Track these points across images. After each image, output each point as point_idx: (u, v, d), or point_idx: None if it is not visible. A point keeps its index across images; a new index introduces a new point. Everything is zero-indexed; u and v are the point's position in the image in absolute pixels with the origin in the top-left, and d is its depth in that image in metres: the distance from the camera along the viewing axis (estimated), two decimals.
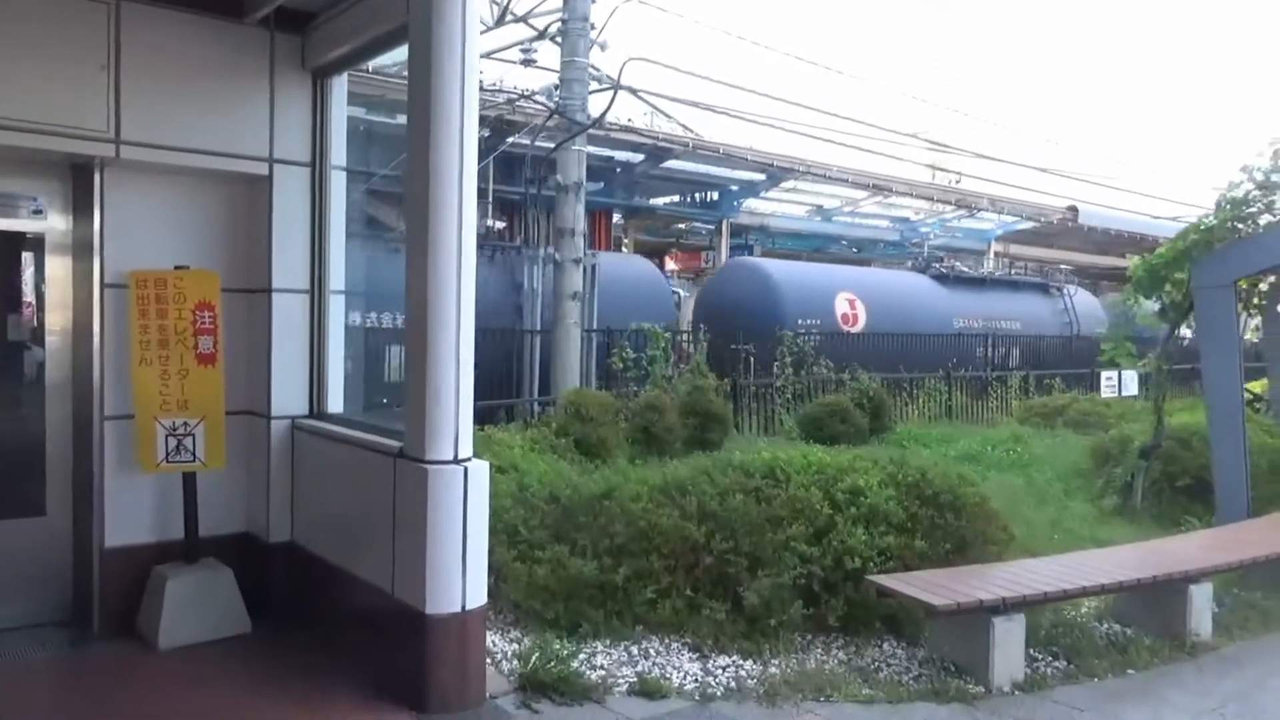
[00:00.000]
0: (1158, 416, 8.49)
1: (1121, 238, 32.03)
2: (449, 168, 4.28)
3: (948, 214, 28.84)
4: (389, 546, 4.61)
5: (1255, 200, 7.64)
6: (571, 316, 13.32)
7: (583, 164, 13.59)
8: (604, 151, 19.24)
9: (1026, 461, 10.82)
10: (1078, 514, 8.28)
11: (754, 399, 13.46)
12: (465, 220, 4.41)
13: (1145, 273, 8.16)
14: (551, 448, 9.13)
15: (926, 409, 15.82)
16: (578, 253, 13.44)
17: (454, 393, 4.42)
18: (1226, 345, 7.86)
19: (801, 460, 6.25)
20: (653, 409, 10.56)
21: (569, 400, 9.95)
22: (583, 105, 13.55)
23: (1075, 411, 14.71)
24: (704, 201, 23.81)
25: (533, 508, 6.09)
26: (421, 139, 4.29)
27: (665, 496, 5.92)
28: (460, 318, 4.38)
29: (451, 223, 4.33)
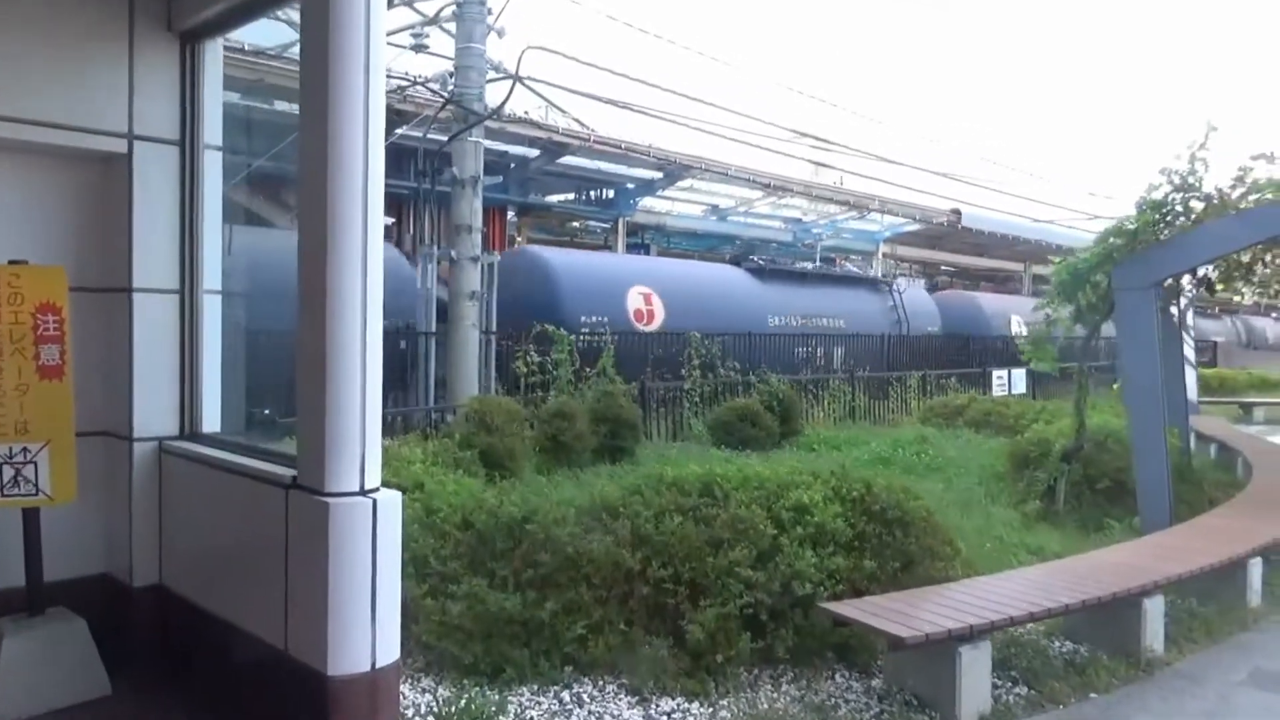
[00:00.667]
0: (1079, 419, 8.41)
1: (1002, 240, 33.17)
2: (351, 142, 3.58)
3: (839, 215, 29.16)
4: (281, 594, 3.88)
5: (1174, 203, 7.59)
6: (469, 318, 12.58)
7: (480, 156, 12.86)
8: (498, 146, 18.49)
9: (940, 464, 10.69)
10: (1003, 520, 8.11)
11: (661, 403, 13.00)
12: (371, 209, 3.73)
13: (1069, 275, 8.05)
14: (455, 461, 8.43)
15: (831, 410, 15.71)
16: (475, 250, 12.71)
17: (359, 410, 3.72)
18: (1147, 348, 7.81)
19: (738, 475, 5.78)
20: (562, 416, 9.96)
21: (473, 408, 9.26)
22: (479, 94, 12.82)
23: (976, 411, 14.85)
24: (600, 199, 23.30)
25: (444, 535, 5.42)
26: (318, 110, 3.58)
27: (594, 519, 5.34)
28: (366, 322, 3.69)
29: (355, 211, 3.64)
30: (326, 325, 3.59)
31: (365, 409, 3.73)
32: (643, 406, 12.11)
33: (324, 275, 3.54)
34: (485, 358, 12.84)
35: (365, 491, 3.73)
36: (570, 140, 18.79)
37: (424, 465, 7.59)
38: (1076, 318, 8.48)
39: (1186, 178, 7.53)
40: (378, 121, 3.72)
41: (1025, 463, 9.04)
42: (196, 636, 4.46)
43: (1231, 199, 7.54)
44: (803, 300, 18.92)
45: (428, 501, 5.94)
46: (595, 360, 12.57)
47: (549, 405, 10.33)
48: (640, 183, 22.58)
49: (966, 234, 31.77)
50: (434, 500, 5.87)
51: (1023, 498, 8.68)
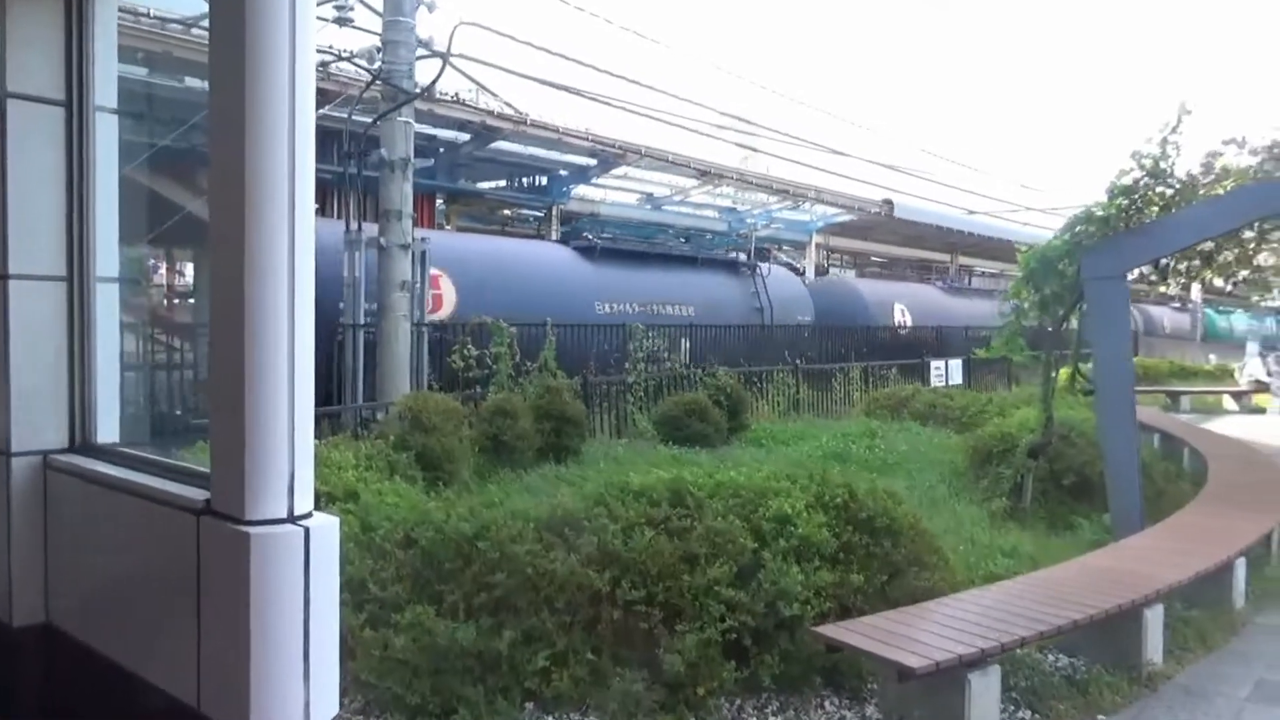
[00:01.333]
0: (1046, 413, 8.13)
1: (932, 231, 33.38)
2: (275, 110, 2.96)
3: (773, 205, 28.93)
4: (192, 640, 3.21)
5: (1145, 188, 7.33)
6: (400, 309, 11.82)
7: (410, 138, 12.10)
8: (427, 129, 17.66)
9: (896, 460, 10.37)
10: (970, 518, 7.78)
11: (604, 397, 12.45)
12: (300, 186, 3.09)
13: (1039, 263, 7.74)
14: (390, 465, 7.77)
15: (776, 402, 15.35)
16: (406, 237, 11.96)
17: (286, 419, 3.05)
18: (1119, 339, 7.55)
19: (710, 481, 5.27)
20: (503, 414, 9.34)
21: (408, 406, 8.58)
22: (409, 71, 12.04)
23: (920, 403, 14.64)
24: (532, 186, 22.59)
25: (384, 554, 4.79)
26: (233, 69, 2.93)
27: (554, 534, 4.78)
28: (295, 316, 3.06)
29: (280, 189, 3.00)
30: (246, 316, 2.94)
31: (295, 417, 3.07)
32: (585, 402, 11.54)
33: (242, 261, 2.90)
34: (418, 351, 12.12)
35: (295, 518, 3.08)
36: (503, 124, 18.05)
37: (357, 471, 6.92)
38: (1042, 307, 8.19)
39: (1158, 162, 7.27)
40: (305, 83, 3.10)
41: (988, 458, 8.75)
42: (89, 686, 3.75)
43: (1204, 184, 7.31)
44: (644, 284, 16.15)
45: (364, 515, 5.30)
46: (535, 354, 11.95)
47: (489, 402, 9.70)
48: (574, 170, 21.95)
49: (899, 225, 31.86)
50: (371, 514, 5.23)
51: (987, 495, 8.38)
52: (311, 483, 3.06)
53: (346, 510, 5.91)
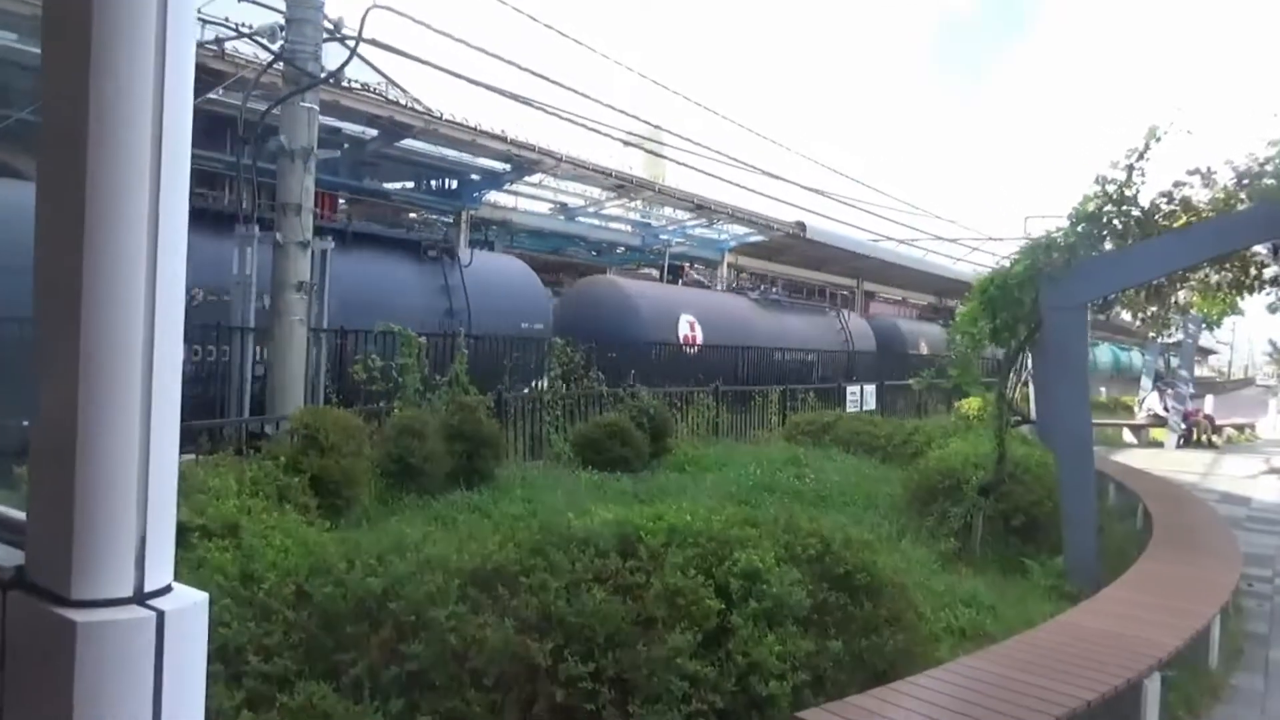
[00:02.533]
0: (1000, 450, 7.69)
1: (840, 255, 33.58)
2: (136, 72, 2.11)
3: (688, 221, 28.53)
4: None
5: (1110, 215, 6.96)
6: (295, 312, 10.73)
7: (314, 125, 11.04)
8: (331, 122, 16.52)
9: (827, 492, 9.83)
10: (919, 561, 7.25)
11: (519, 415, 11.58)
12: (169, 170, 2.25)
13: (998, 290, 7.30)
14: (280, 491, 6.78)
15: (695, 425, 14.73)
16: (305, 233, 10.89)
17: (138, 463, 2.21)
18: (1077, 373, 7.16)
19: (662, 525, 4.53)
20: (410, 434, 8.41)
21: (302, 422, 7.59)
22: (315, 53, 11.00)
23: (844, 430, 14.24)
24: (442, 189, 21.54)
25: (269, 614, 3.89)
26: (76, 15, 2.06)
27: (482, 592, 3.96)
28: (157, 330, 2.21)
29: (138, 171, 2.16)
30: (84, 329, 2.07)
31: (151, 460, 2.23)
32: (500, 419, 10.67)
33: (79, 259, 2.03)
34: (317, 361, 11.04)
35: (145, 597, 2.24)
36: (414, 121, 17.03)
37: (239, 499, 5.93)
38: (993, 336, 7.77)
39: (1123, 189, 6.91)
40: (181, 46, 2.26)
41: (932, 495, 8.26)
42: None
43: (1163, 212, 6.99)
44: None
45: (245, 558, 4.37)
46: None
47: (394, 419, 8.75)
48: (486, 174, 20.99)
49: (808, 247, 31.91)
50: (255, 559, 4.30)
51: (933, 534, 7.88)
52: (171, 548, 2.14)
53: (223, 549, 4.96)
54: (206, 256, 10.40)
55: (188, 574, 4.51)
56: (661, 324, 16.97)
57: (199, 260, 10.39)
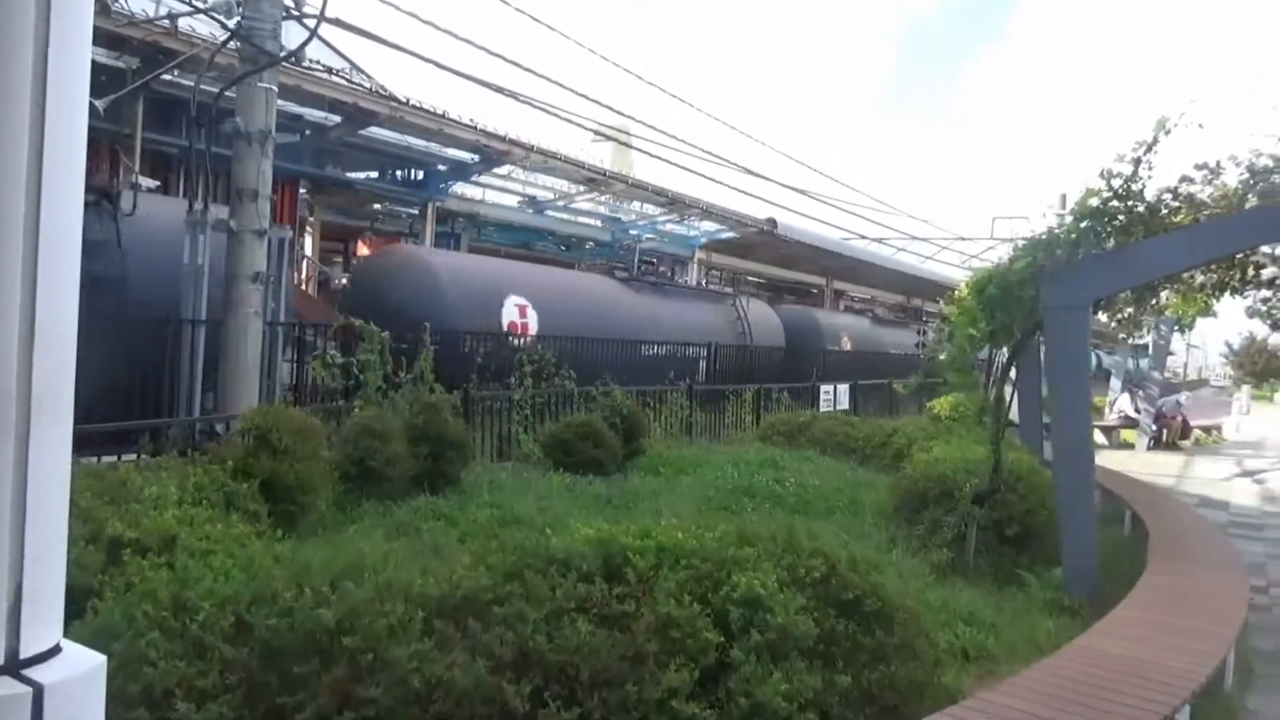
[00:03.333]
0: (996, 458, 7.32)
1: (810, 252, 33.34)
2: None
3: (659, 217, 28.11)
4: None
5: (1116, 211, 6.61)
6: (250, 304, 10.13)
7: (272, 107, 10.43)
8: (292, 107, 15.85)
9: (809, 497, 9.45)
10: (912, 573, 6.87)
11: (487, 415, 11.07)
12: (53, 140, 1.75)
13: (998, 289, 6.93)
14: (227, 498, 6.24)
15: (668, 425, 14.31)
16: (261, 221, 10.29)
17: (10, 498, 1.72)
18: (1078, 376, 6.82)
19: (649, 544, 4.08)
20: (371, 435, 7.89)
21: (253, 423, 7.03)
22: (274, 30, 10.40)
23: (819, 430, 13.88)
24: (408, 180, 20.90)
25: (204, 649, 3.39)
26: None
27: (451, 624, 3.49)
28: (38, 329, 1.71)
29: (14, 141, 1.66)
30: None
31: (29, 493, 1.74)
32: (466, 420, 10.16)
33: None
34: (272, 356, 10.45)
35: (20, 666, 1.75)
36: (379, 108, 16.39)
37: (179, 509, 5.40)
38: (992, 337, 7.42)
39: (1129, 183, 6.57)
40: None
41: (922, 502, 7.89)
42: None
43: (1169, 208, 6.67)
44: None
45: (180, 579, 3.85)
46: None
47: (354, 420, 8.22)
48: (454, 165, 20.38)
49: (779, 245, 31.63)
50: (190, 584, 3.79)
51: (924, 544, 7.51)
52: (59, 602, 1.66)
53: (158, 567, 4.45)
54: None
55: (113, 599, 3.98)
56: (477, 308, 12.96)
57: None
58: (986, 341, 7.55)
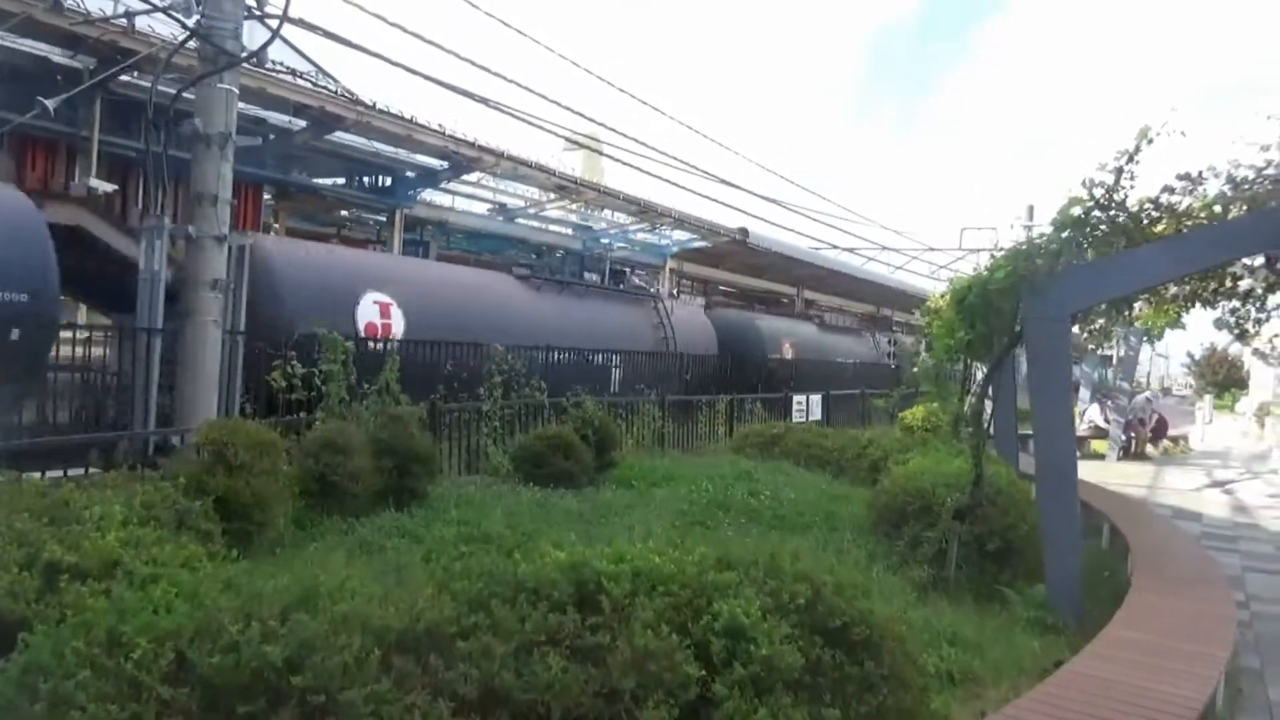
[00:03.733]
0: (977, 472, 7.16)
1: (781, 262, 33.36)
2: None
3: (630, 225, 27.95)
4: None
5: (1098, 221, 6.49)
6: (209, 313, 9.79)
7: (233, 109, 10.10)
8: (256, 110, 15.51)
9: (785, 511, 9.24)
10: (891, 589, 6.68)
11: (454, 427, 10.78)
12: None
13: (978, 298, 6.78)
14: (179, 518, 5.93)
15: (640, 436, 14.07)
16: (221, 227, 9.95)
17: None
18: (1060, 388, 6.68)
19: (623, 567, 3.84)
20: (332, 449, 7.59)
21: (209, 438, 6.71)
22: (235, 30, 10.08)
23: (793, 441, 13.71)
24: (375, 187, 20.55)
25: (140, 690, 3.10)
26: None
27: (411, 659, 3.23)
28: None
29: None
30: None
31: None
32: (433, 432, 9.87)
33: None
34: (231, 367, 10.10)
35: None
36: (345, 112, 16.08)
37: (123, 531, 5.08)
38: (968, 348, 7.27)
39: (1111, 193, 6.45)
40: None
41: (902, 517, 7.71)
42: None
43: (1152, 219, 6.56)
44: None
45: (114, 619, 3.55)
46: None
47: (315, 433, 7.91)
48: (422, 171, 20.08)
49: (750, 254, 31.60)
50: (127, 616, 3.49)
51: (904, 560, 7.33)
52: None
53: (96, 594, 4.14)
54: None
55: (43, 633, 3.67)
56: (328, 306, 11.15)
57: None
58: (964, 352, 7.40)
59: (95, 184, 14.04)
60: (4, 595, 4.15)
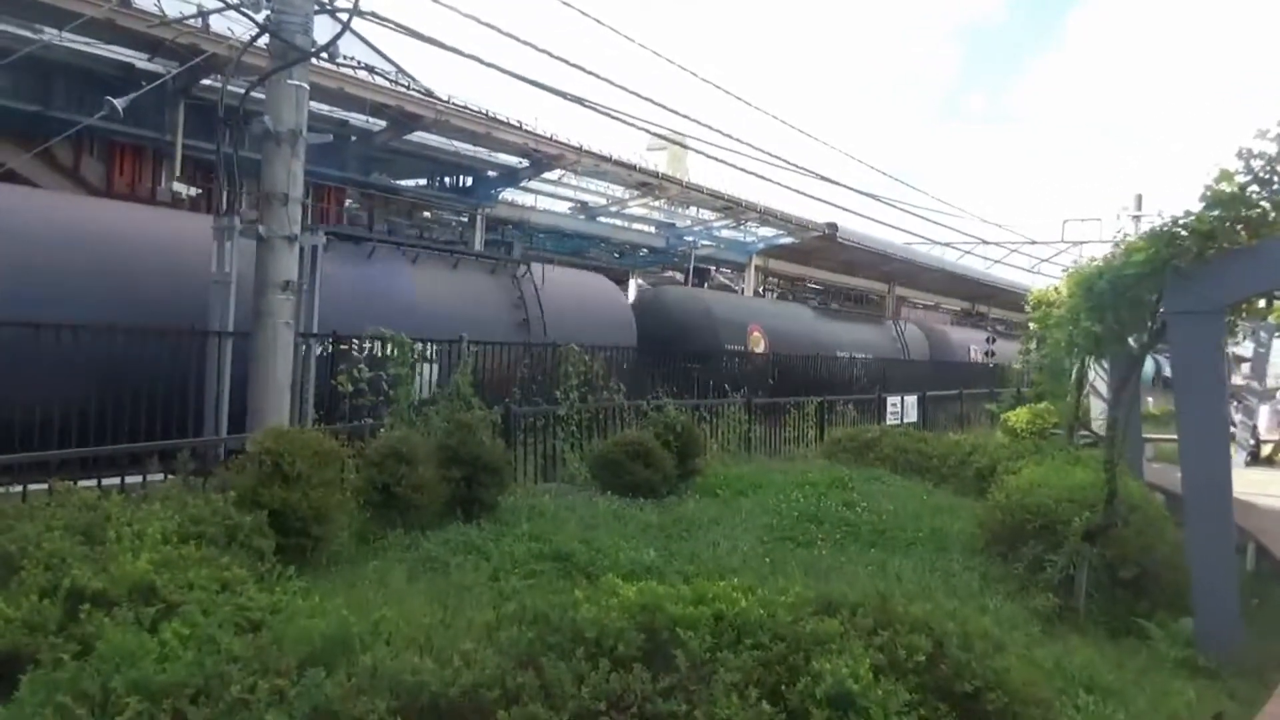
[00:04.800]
0: (1111, 488, 6.30)
1: (872, 258, 32.23)
2: None
3: (714, 222, 27.28)
4: None
5: (1256, 199, 5.58)
6: (281, 314, 9.50)
7: (303, 105, 9.82)
8: (336, 113, 15.40)
9: (884, 525, 8.47)
10: (1010, 621, 5.89)
11: (529, 432, 10.29)
12: None
13: (1111, 286, 5.91)
14: (229, 533, 5.52)
15: (725, 440, 13.40)
16: (292, 226, 9.67)
17: None
18: (1210, 392, 5.78)
19: (702, 613, 3.22)
20: (397, 458, 7.15)
21: (264, 448, 6.32)
22: (305, 24, 9.80)
23: (889, 446, 12.84)
24: (456, 187, 20.35)
25: None
26: None
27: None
28: None
29: None
30: None
31: None
32: (507, 438, 9.40)
33: None
34: (304, 371, 9.82)
35: None
36: (424, 111, 15.82)
37: (163, 548, 4.69)
38: (1095, 344, 6.41)
39: (1274, 164, 5.53)
40: None
41: (1019, 536, 6.88)
42: None
43: None
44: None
45: (111, 670, 3.07)
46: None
47: (379, 441, 7.49)
48: (503, 170, 19.79)
49: (839, 250, 30.61)
50: (127, 664, 3.02)
51: (1024, 586, 6.51)
52: None
53: (122, 625, 3.71)
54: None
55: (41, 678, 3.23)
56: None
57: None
58: (1091, 348, 6.54)
59: (179, 188, 14.10)
60: (19, 627, 3.75)
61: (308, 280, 10.29)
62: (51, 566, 4.26)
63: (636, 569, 6.59)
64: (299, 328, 9.86)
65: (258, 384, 9.43)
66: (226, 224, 10.06)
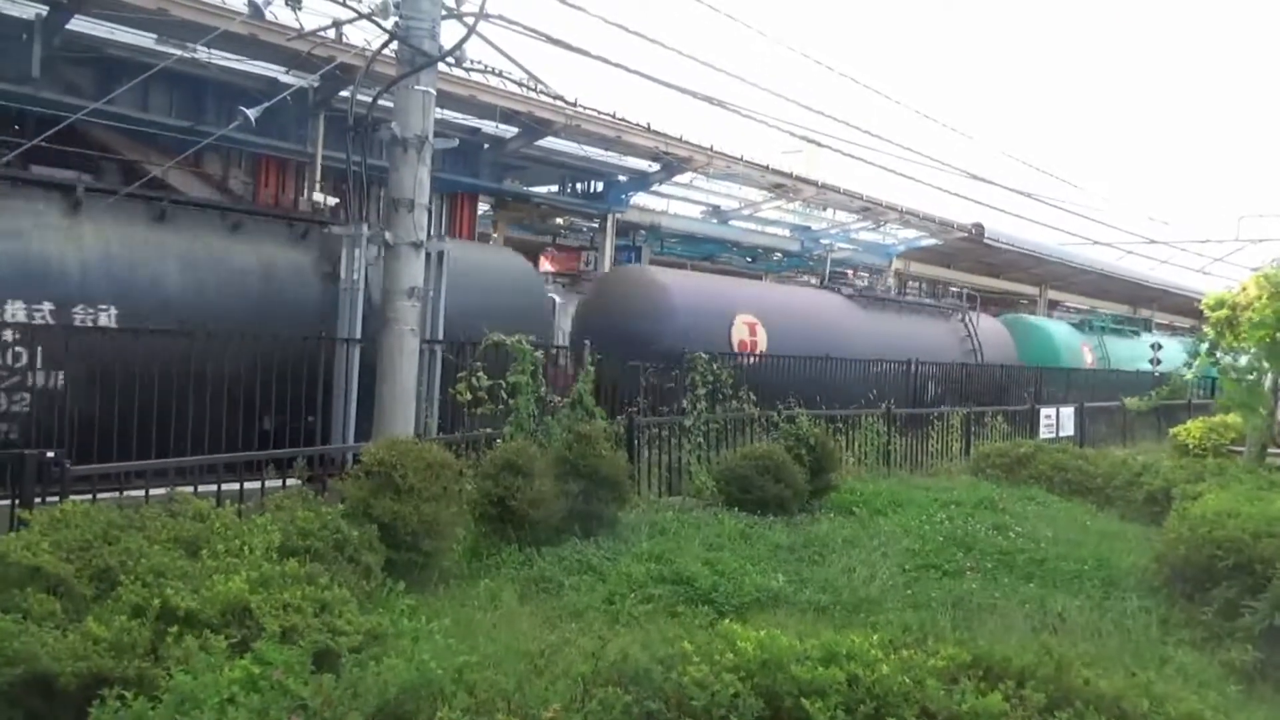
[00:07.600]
0: None
1: (1020, 259, 30.52)
2: None
3: (851, 224, 26.29)
4: None
5: None
6: (407, 321, 9.46)
7: (429, 111, 9.77)
8: (469, 121, 15.45)
9: (1042, 555, 7.63)
10: (1196, 678, 5.06)
11: (653, 443, 9.89)
12: None
13: None
14: (337, 547, 5.33)
15: (862, 453, 12.65)
16: (419, 233, 9.62)
17: None
18: None
19: (831, 675, 2.70)
20: (513, 470, 6.86)
21: (376, 460, 6.14)
22: (432, 30, 9.75)
23: (1045, 464, 11.79)
24: (587, 192, 20.24)
25: None
26: None
27: None
28: None
29: None
30: None
31: None
32: (629, 449, 9.02)
33: None
34: (429, 378, 9.75)
35: None
36: (554, 116, 15.68)
37: (265, 565, 4.50)
38: None
39: None
40: None
41: (1208, 575, 5.98)
42: None
43: None
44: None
45: (213, 687, 2.81)
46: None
47: (495, 452, 7.23)
48: (633, 174, 19.53)
49: (985, 251, 29.06)
50: (204, 701, 2.75)
51: (1212, 634, 5.63)
52: None
53: (216, 650, 3.50)
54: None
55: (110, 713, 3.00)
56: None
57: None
58: None
59: (319, 198, 14.45)
60: (106, 650, 3.58)
61: (434, 286, 10.25)
62: (149, 583, 4.12)
63: (763, 597, 6.10)
64: (423, 334, 9.81)
65: (383, 390, 9.41)
66: (353, 231, 10.13)
